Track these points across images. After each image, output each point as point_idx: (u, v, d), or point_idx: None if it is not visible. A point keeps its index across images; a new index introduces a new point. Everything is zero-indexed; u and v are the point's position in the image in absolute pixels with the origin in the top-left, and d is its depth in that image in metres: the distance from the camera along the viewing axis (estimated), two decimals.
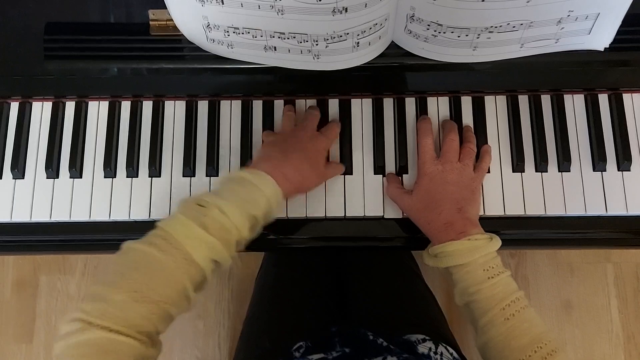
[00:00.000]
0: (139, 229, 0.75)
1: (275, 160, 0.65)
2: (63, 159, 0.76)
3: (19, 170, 0.75)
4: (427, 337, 0.78)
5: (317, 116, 0.74)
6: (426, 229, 0.70)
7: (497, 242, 0.66)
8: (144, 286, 0.52)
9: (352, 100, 0.77)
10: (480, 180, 0.72)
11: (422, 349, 0.76)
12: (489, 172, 0.75)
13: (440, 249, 0.67)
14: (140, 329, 0.51)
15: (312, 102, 0.77)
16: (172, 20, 0.69)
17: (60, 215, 0.74)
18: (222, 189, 0.61)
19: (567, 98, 0.77)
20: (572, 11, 0.63)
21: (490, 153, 0.74)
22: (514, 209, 0.74)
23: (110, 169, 0.75)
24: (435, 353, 0.77)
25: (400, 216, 0.73)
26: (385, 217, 0.74)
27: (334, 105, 0.77)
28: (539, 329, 0.63)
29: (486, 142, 0.75)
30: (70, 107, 0.78)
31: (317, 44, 0.66)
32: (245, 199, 0.59)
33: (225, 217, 0.57)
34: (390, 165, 0.75)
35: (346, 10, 0.61)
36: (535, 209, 0.74)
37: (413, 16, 0.65)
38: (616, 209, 0.73)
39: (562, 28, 0.66)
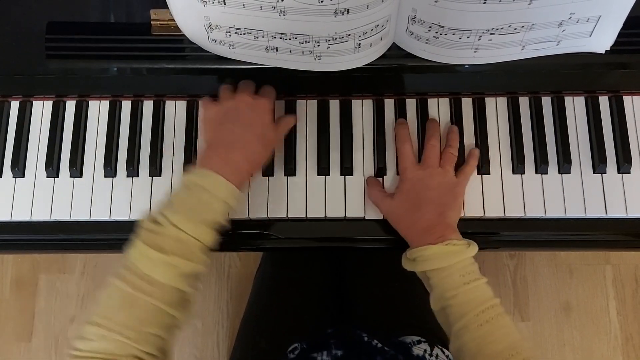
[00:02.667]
0: None
1: (222, 150, 0.64)
2: (63, 158, 0.76)
3: (19, 169, 0.75)
4: (422, 339, 0.79)
5: (250, 84, 0.72)
6: (405, 232, 0.70)
7: (475, 248, 0.67)
8: (121, 319, 0.56)
9: (353, 101, 0.77)
10: (463, 185, 0.72)
11: (417, 350, 0.77)
12: (489, 173, 0.75)
13: (418, 253, 0.67)
14: (122, 357, 0.55)
15: (312, 102, 0.77)
16: (173, 20, 0.69)
17: (61, 215, 0.74)
18: (176, 199, 0.61)
19: (568, 100, 0.77)
20: (573, 13, 0.63)
21: (477, 157, 0.74)
22: (514, 211, 0.74)
23: (110, 169, 0.75)
24: (431, 355, 0.77)
25: None
26: (385, 218, 0.74)
27: (334, 106, 0.77)
28: (513, 337, 0.63)
29: (487, 144, 0.75)
30: (71, 106, 0.78)
31: (318, 45, 0.66)
32: (199, 209, 0.60)
33: (180, 232, 0.58)
34: (390, 167, 0.75)
35: (348, 12, 0.61)
36: (535, 211, 0.74)
37: (414, 18, 0.65)
38: (616, 212, 0.73)
39: (564, 30, 0.66)
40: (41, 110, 0.78)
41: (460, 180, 0.72)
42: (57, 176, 0.76)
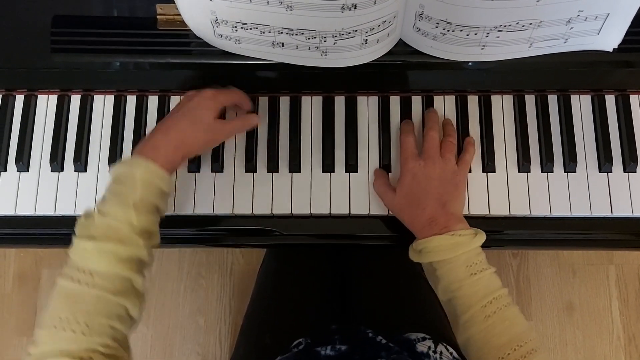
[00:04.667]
0: None
1: (148, 135, 0.64)
2: (68, 152, 0.76)
3: (23, 163, 0.75)
4: (427, 336, 0.78)
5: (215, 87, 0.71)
6: (410, 225, 0.70)
7: (482, 237, 0.66)
8: (67, 316, 0.55)
9: (359, 97, 0.77)
10: (464, 173, 0.72)
11: (421, 347, 0.76)
12: (494, 171, 0.75)
13: (423, 244, 0.67)
14: (76, 352, 0.54)
15: (318, 99, 0.77)
16: (179, 14, 0.69)
17: (65, 209, 0.74)
18: (106, 192, 0.62)
19: (574, 98, 0.77)
20: (581, 11, 0.63)
21: (474, 144, 0.74)
22: (520, 209, 0.73)
23: (115, 163, 0.75)
24: (435, 352, 0.77)
25: None
26: (390, 214, 0.74)
27: (340, 102, 0.77)
28: (520, 328, 0.62)
29: (492, 142, 0.75)
30: (75, 100, 0.78)
31: (325, 41, 0.66)
32: (120, 192, 0.60)
33: (107, 218, 0.58)
34: (395, 164, 0.75)
35: (355, 7, 0.60)
36: (540, 210, 0.73)
37: (422, 14, 0.64)
38: (621, 211, 0.73)
39: (572, 28, 0.65)
40: (46, 104, 0.77)
41: (461, 168, 0.72)
42: (62, 170, 0.76)
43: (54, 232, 0.77)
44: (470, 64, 0.71)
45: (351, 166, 0.75)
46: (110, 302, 0.57)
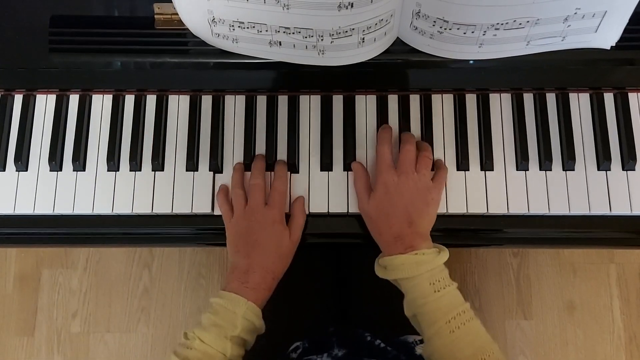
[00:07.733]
0: (142, 223, 0.75)
1: (241, 275, 0.70)
2: (66, 152, 0.76)
3: (22, 163, 0.75)
4: None
5: (260, 186, 0.72)
6: (377, 238, 0.71)
7: (445, 254, 0.67)
8: None
9: (357, 96, 0.77)
10: (438, 190, 0.72)
11: (420, 350, 0.76)
12: (492, 170, 0.75)
13: (388, 262, 0.68)
14: None
15: (316, 98, 0.77)
16: (177, 14, 0.69)
17: (63, 208, 0.74)
18: (204, 319, 0.69)
19: (573, 96, 0.77)
20: (579, 9, 0.63)
21: (445, 168, 0.74)
22: (518, 208, 0.73)
23: (113, 163, 0.75)
24: None
25: None
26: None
27: (338, 101, 0.77)
28: (483, 341, 0.64)
29: (491, 141, 0.75)
30: (74, 100, 0.78)
31: (322, 40, 0.66)
32: (221, 325, 0.67)
33: (205, 345, 0.66)
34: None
35: (352, 6, 0.60)
36: (539, 208, 0.73)
37: (419, 12, 0.64)
38: (620, 209, 0.73)
39: (569, 26, 0.65)
40: (45, 104, 0.78)
41: (436, 185, 0.71)
42: (60, 170, 0.76)
43: (52, 231, 0.77)
44: (471, 62, 0.71)
45: (350, 165, 0.75)
46: None
